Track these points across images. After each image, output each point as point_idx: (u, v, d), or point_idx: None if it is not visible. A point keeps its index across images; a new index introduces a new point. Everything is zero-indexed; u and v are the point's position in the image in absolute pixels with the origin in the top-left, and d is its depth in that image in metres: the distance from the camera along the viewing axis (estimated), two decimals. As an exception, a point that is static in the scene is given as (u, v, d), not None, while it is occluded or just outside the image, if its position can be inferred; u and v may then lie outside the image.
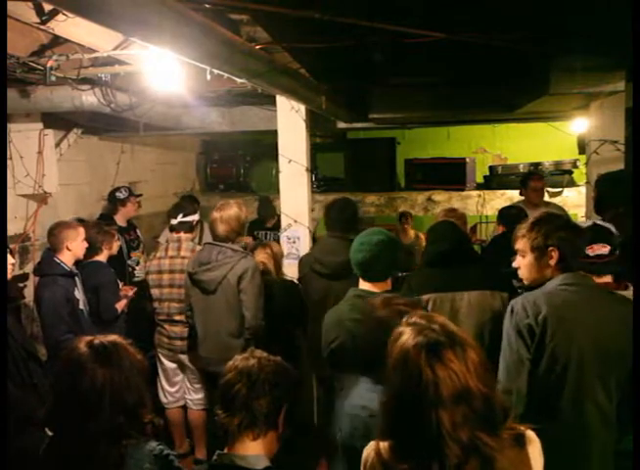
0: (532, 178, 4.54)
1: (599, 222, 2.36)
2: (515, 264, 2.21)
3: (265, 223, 6.16)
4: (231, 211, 3.29)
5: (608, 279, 2.24)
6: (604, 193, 3.29)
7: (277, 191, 4.11)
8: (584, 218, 5.07)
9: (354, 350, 2.25)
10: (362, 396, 1.82)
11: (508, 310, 2.05)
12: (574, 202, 6.24)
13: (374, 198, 6.84)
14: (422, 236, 6.12)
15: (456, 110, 4.06)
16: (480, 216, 6.68)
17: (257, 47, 2.68)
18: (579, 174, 6.30)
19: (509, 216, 3.62)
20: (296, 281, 3.69)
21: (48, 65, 2.79)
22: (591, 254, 2.20)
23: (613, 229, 2.28)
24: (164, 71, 2.73)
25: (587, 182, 3.92)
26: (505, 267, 2.65)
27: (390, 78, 3.80)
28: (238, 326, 3.22)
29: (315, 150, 6.48)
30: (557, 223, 2.09)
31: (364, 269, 2.29)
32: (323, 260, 3.26)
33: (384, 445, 1.33)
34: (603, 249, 2.21)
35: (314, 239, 4.39)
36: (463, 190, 6.60)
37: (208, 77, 2.28)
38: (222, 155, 7.37)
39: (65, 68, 3.10)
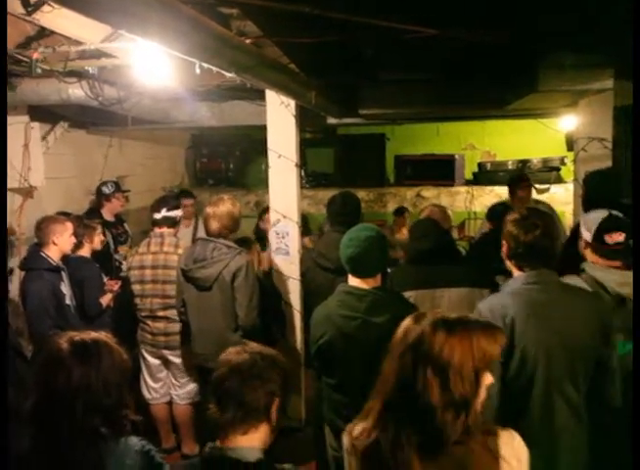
0: (519, 186, 4.49)
1: (614, 212, 2.41)
2: None
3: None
4: (224, 207, 3.26)
5: (618, 263, 2.35)
6: (592, 190, 3.32)
7: (267, 186, 4.09)
8: (571, 215, 5.12)
9: (343, 347, 2.27)
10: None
11: (475, 314, 2.04)
12: (562, 198, 6.28)
13: (363, 194, 6.83)
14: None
15: (446, 106, 4.06)
16: (469, 212, 6.72)
17: (247, 41, 2.66)
18: (567, 171, 6.35)
19: (497, 213, 3.64)
20: (264, 275, 3.70)
21: (34, 57, 2.75)
22: (610, 242, 2.32)
23: (625, 218, 2.37)
24: (153, 65, 2.70)
25: (575, 179, 3.95)
26: (493, 263, 2.67)
27: (381, 73, 3.79)
28: (234, 322, 3.20)
29: (305, 145, 6.47)
30: (514, 218, 2.08)
31: (353, 265, 2.29)
32: (327, 255, 3.24)
33: (355, 427, 1.35)
34: (619, 237, 2.33)
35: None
36: (452, 186, 6.63)
37: (197, 71, 2.26)
38: (211, 149, 7.34)
39: (51, 60, 3.05)
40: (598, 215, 2.44)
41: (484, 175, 6.62)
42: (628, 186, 3.72)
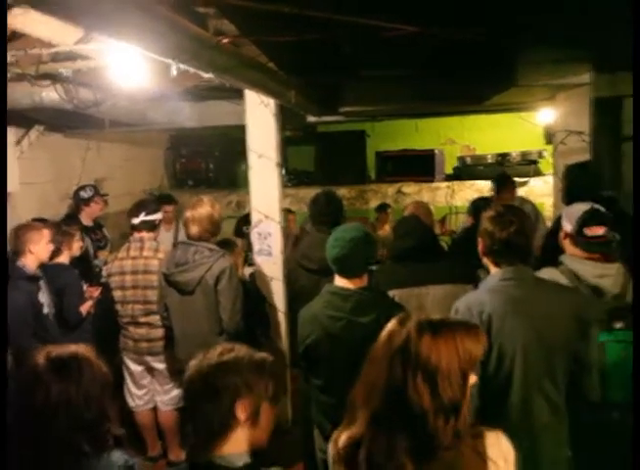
0: (505, 190, 4.43)
1: (596, 205, 2.43)
2: None
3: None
4: (203, 210, 3.21)
5: (596, 256, 2.38)
6: (572, 184, 3.35)
7: (248, 186, 4.04)
8: (553, 208, 5.16)
9: (329, 348, 2.25)
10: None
11: (452, 312, 2.05)
12: (541, 191, 6.35)
13: (345, 191, 6.83)
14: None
15: (426, 102, 4.06)
16: (450, 207, 6.75)
17: (225, 40, 2.61)
18: (545, 164, 6.41)
19: (478, 208, 3.64)
20: (248, 278, 3.67)
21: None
22: (590, 234, 2.35)
23: (606, 212, 2.40)
24: (129, 67, 2.64)
25: (555, 173, 3.98)
26: (475, 258, 2.68)
27: (360, 71, 3.77)
28: (218, 325, 3.16)
29: (285, 143, 6.43)
30: (490, 215, 2.09)
31: (339, 265, 2.28)
32: (311, 256, 3.21)
33: (341, 435, 1.33)
34: (600, 230, 2.36)
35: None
36: (432, 181, 6.65)
37: (174, 73, 2.21)
38: (191, 150, 7.26)
39: (23, 63, 2.98)
40: (580, 208, 2.47)
41: (465, 170, 6.65)
42: (608, 178, 3.79)
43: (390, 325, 1.37)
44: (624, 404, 2.01)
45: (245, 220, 5.54)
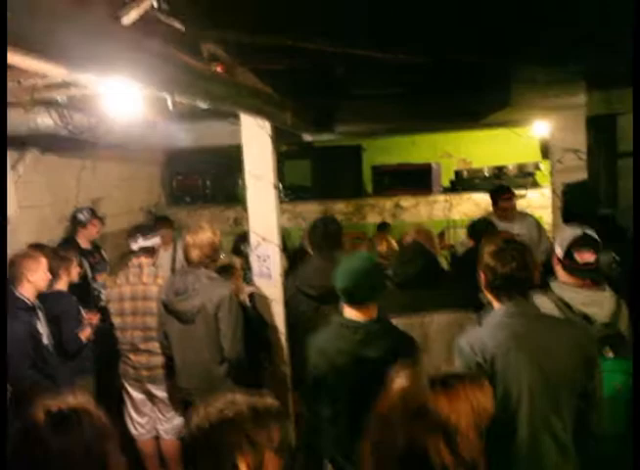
0: (501, 198, 4.43)
1: (588, 230, 2.42)
2: None
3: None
4: (204, 235, 3.19)
5: (586, 282, 2.37)
6: (570, 202, 3.35)
7: (243, 202, 4.00)
8: (549, 226, 5.16)
9: (334, 381, 2.23)
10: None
11: (455, 350, 2.02)
12: (538, 203, 6.35)
13: (342, 206, 6.83)
14: (394, 245, 6.14)
15: (420, 120, 4.06)
16: (448, 221, 6.74)
17: (219, 69, 2.61)
18: (542, 176, 6.42)
19: (478, 231, 3.64)
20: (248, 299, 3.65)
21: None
22: (580, 261, 2.34)
23: (597, 238, 2.39)
24: (123, 96, 2.63)
25: (552, 191, 3.97)
26: (477, 282, 2.67)
27: (354, 90, 3.78)
28: (219, 354, 3.13)
29: (281, 158, 6.42)
30: (491, 249, 2.06)
31: (348, 296, 2.26)
32: (311, 282, 3.20)
33: None
34: (590, 257, 2.35)
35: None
36: (430, 195, 6.65)
37: (170, 106, 2.20)
38: (187, 166, 7.25)
39: (17, 92, 2.96)
40: (571, 233, 2.45)
41: (462, 183, 6.66)
42: (604, 195, 3.79)
43: (401, 383, 1.34)
44: (618, 437, 1.99)
45: (242, 239, 5.52)
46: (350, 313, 2.26)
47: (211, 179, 7.29)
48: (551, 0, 2.28)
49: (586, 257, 2.36)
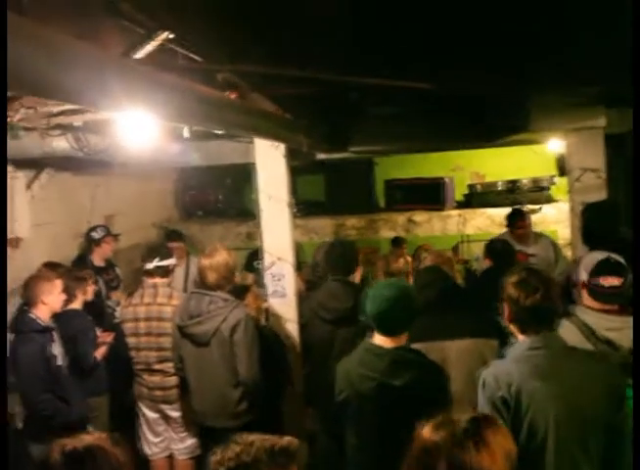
0: (518, 222, 4.43)
1: (613, 255, 2.39)
2: None
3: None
4: (220, 257, 3.17)
5: (614, 307, 2.33)
6: (590, 223, 3.29)
7: (257, 217, 3.97)
8: (564, 241, 5.09)
9: (358, 408, 2.21)
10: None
11: (480, 383, 1.99)
12: (554, 218, 6.27)
13: (354, 221, 6.79)
14: (409, 260, 6.10)
15: (435, 141, 4.03)
16: (462, 236, 6.69)
17: (233, 95, 2.60)
18: (557, 190, 6.35)
19: (495, 251, 3.60)
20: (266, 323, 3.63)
21: (15, 120, 2.67)
22: (606, 285, 2.30)
23: (623, 262, 2.35)
24: (138, 123, 2.64)
25: (571, 209, 3.91)
26: (496, 305, 2.63)
27: (369, 110, 3.76)
28: (234, 377, 3.10)
29: (294, 173, 6.40)
30: (514, 280, 2.02)
31: (380, 324, 2.24)
32: (327, 306, 3.18)
33: None
34: (616, 281, 2.31)
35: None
36: (443, 210, 6.59)
37: (186, 135, 2.20)
38: (200, 181, 7.26)
39: (33, 118, 2.98)
40: (596, 257, 2.42)
41: (475, 197, 6.58)
42: (626, 216, 3.72)
43: (425, 437, 1.31)
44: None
45: (255, 255, 5.50)
46: (380, 340, 2.24)
47: (224, 194, 7.30)
48: (566, 24, 2.25)
49: (612, 281, 2.32)
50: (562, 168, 4.45)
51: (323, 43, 2.03)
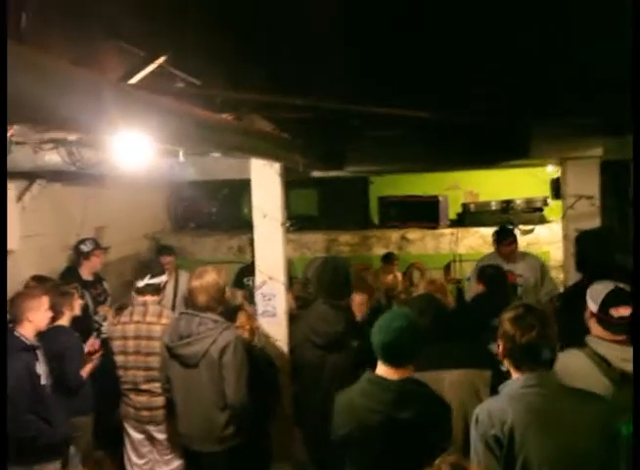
0: (504, 242, 4.44)
1: (621, 285, 2.39)
2: None
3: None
4: (210, 278, 3.12)
5: (624, 337, 2.32)
6: (585, 251, 3.29)
7: (251, 230, 3.92)
8: (556, 262, 5.08)
9: (364, 442, 2.15)
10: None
11: (473, 419, 1.97)
12: (546, 238, 6.28)
13: (348, 237, 6.77)
14: (399, 277, 6.07)
15: (431, 164, 4.03)
16: (454, 255, 6.67)
17: (230, 117, 2.57)
18: (550, 211, 6.37)
19: (488, 276, 3.59)
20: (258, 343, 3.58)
21: (8, 135, 2.62)
22: (615, 315, 2.31)
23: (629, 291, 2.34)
24: (133, 141, 2.59)
25: (565, 237, 3.91)
26: (489, 329, 2.60)
27: (366, 132, 3.74)
28: (222, 400, 3.04)
29: (287, 188, 6.38)
30: (510, 316, 2.00)
31: (386, 354, 2.19)
32: (318, 330, 3.11)
33: None
34: (625, 311, 2.31)
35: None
36: (436, 228, 6.59)
37: (182, 158, 2.16)
38: (193, 193, 7.21)
39: (26, 133, 2.93)
40: (604, 287, 2.42)
41: (469, 217, 6.60)
42: (620, 243, 3.72)
43: None
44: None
45: (246, 271, 5.43)
46: (384, 371, 2.19)
47: (217, 206, 7.25)
48: (566, 55, 2.25)
49: (622, 311, 2.32)
50: (556, 190, 4.46)
51: (325, 70, 2.01)
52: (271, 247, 3.88)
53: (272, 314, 3.88)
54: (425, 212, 6.59)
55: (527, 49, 2.08)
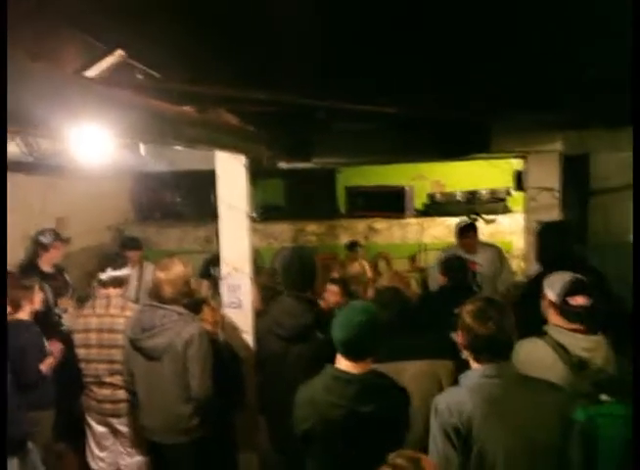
0: (465, 236, 4.65)
1: (579, 276, 2.48)
2: None
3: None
4: (176, 270, 3.08)
5: (582, 326, 2.43)
6: (545, 242, 3.37)
7: (217, 220, 3.88)
8: (519, 251, 5.20)
9: (327, 436, 2.17)
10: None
11: (432, 409, 2.01)
12: (509, 228, 6.42)
13: (314, 227, 6.77)
14: (366, 266, 6.13)
15: (399, 156, 4.05)
16: (420, 244, 6.75)
17: (191, 109, 2.53)
18: (513, 201, 6.50)
19: (451, 268, 3.64)
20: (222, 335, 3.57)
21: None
22: (574, 304, 2.41)
23: (588, 281, 2.46)
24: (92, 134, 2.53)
25: (526, 229, 3.99)
26: (452, 323, 2.65)
27: (334, 124, 3.74)
28: (186, 392, 3.03)
29: (253, 177, 6.31)
30: (470, 309, 2.05)
31: (346, 349, 2.19)
32: (283, 323, 3.09)
33: None
34: (583, 300, 2.42)
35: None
36: (402, 217, 6.65)
37: (143, 153, 2.12)
38: (158, 182, 7.10)
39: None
40: (563, 278, 2.50)
41: (435, 206, 6.69)
42: (578, 234, 3.83)
43: None
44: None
45: (212, 262, 5.37)
46: (345, 365, 2.19)
47: (182, 196, 7.15)
48: (528, 50, 2.28)
49: (580, 301, 2.41)
50: (518, 182, 4.55)
51: (290, 63, 1.99)
52: (237, 238, 3.84)
53: (237, 305, 3.85)
54: (391, 202, 6.64)
55: (490, 43, 2.10)
